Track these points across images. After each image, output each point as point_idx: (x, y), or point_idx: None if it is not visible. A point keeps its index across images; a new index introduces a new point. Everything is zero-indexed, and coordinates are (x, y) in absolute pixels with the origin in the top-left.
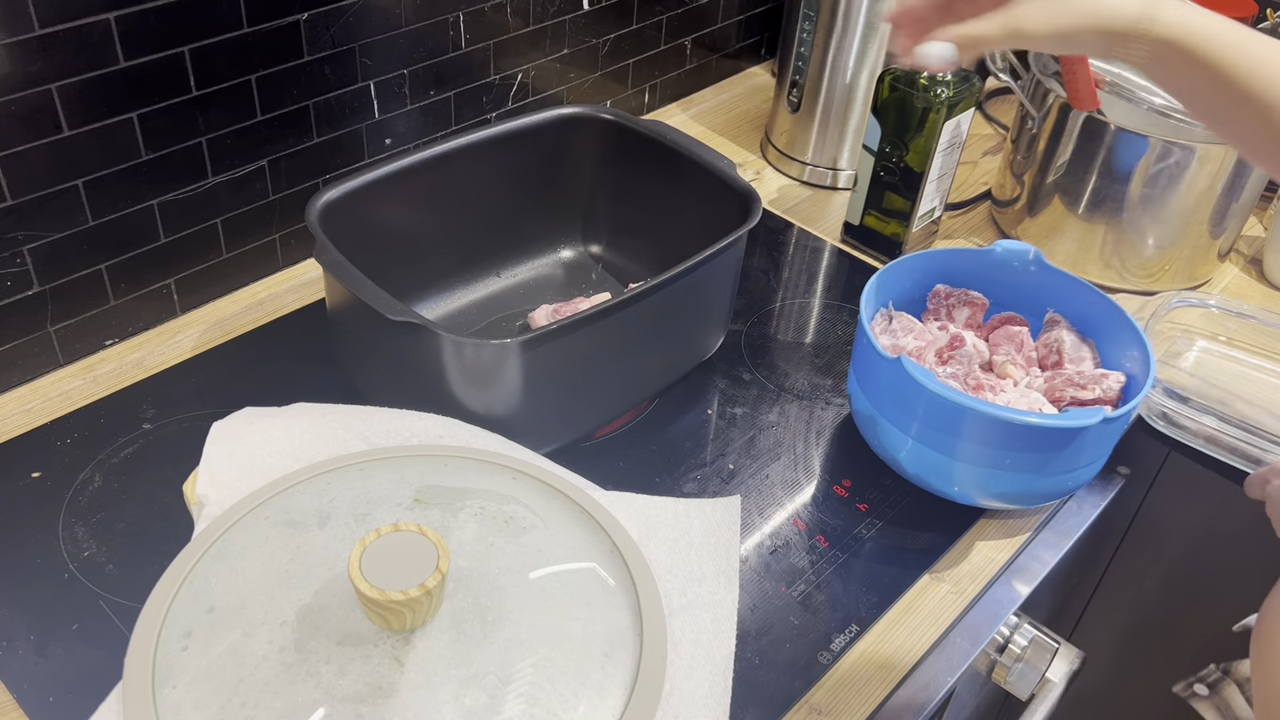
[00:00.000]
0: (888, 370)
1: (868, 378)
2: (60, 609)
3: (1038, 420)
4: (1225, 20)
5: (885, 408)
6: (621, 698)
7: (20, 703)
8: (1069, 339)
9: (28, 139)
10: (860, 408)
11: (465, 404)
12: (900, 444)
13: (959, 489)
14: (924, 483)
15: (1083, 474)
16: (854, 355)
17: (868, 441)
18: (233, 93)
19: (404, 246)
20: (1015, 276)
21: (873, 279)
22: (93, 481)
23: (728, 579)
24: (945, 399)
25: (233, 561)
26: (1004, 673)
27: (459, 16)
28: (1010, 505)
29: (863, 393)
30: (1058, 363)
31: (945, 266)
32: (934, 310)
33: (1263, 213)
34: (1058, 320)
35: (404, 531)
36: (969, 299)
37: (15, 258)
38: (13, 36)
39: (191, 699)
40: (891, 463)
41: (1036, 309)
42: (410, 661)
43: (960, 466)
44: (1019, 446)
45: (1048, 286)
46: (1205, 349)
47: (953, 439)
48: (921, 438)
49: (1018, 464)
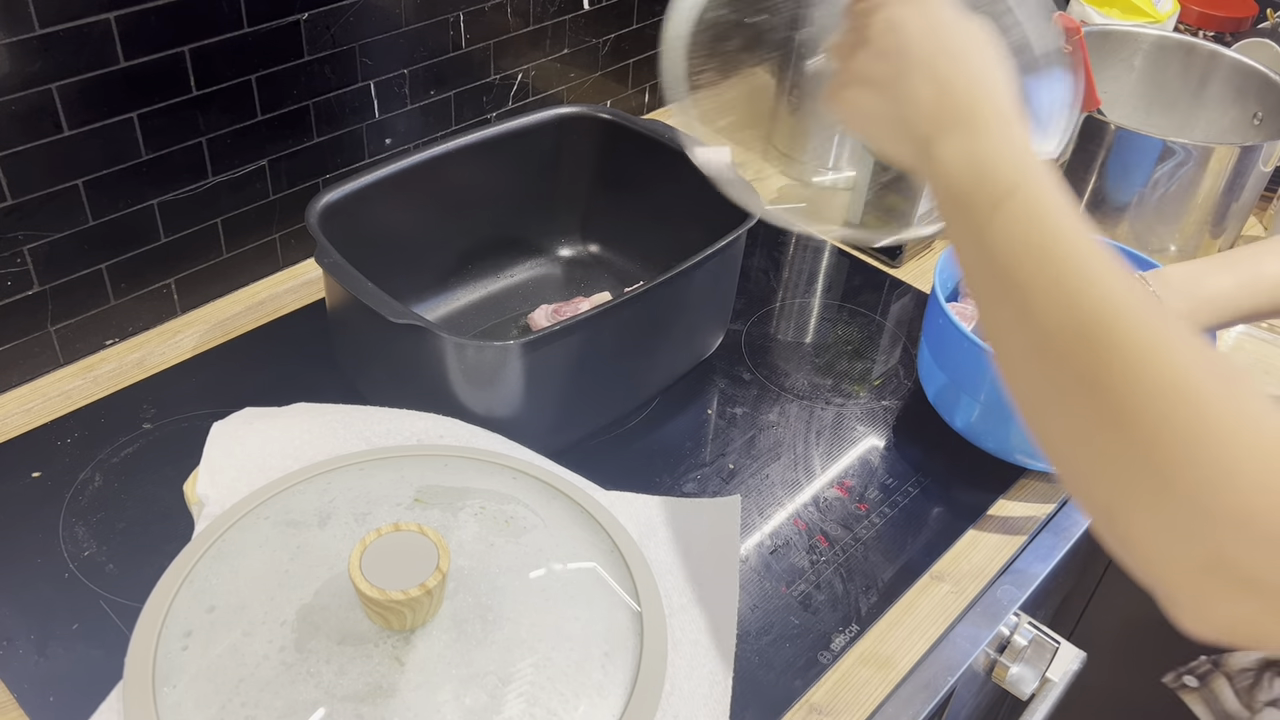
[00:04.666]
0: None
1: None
2: (60, 609)
3: None
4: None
5: (1004, 403)
6: (621, 698)
7: (20, 702)
8: None
9: (28, 139)
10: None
11: (466, 405)
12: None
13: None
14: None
15: None
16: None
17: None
18: (233, 92)
19: (404, 247)
20: None
21: (940, 273)
22: (93, 481)
23: (728, 579)
24: None
25: (233, 561)
26: (1004, 672)
27: (459, 16)
28: None
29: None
30: None
31: None
32: None
33: (1263, 213)
34: None
35: (404, 531)
36: None
37: (15, 257)
38: (13, 36)
39: (191, 698)
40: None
41: None
42: (410, 661)
43: None
44: None
45: None
46: (1243, 332)
47: None
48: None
49: None
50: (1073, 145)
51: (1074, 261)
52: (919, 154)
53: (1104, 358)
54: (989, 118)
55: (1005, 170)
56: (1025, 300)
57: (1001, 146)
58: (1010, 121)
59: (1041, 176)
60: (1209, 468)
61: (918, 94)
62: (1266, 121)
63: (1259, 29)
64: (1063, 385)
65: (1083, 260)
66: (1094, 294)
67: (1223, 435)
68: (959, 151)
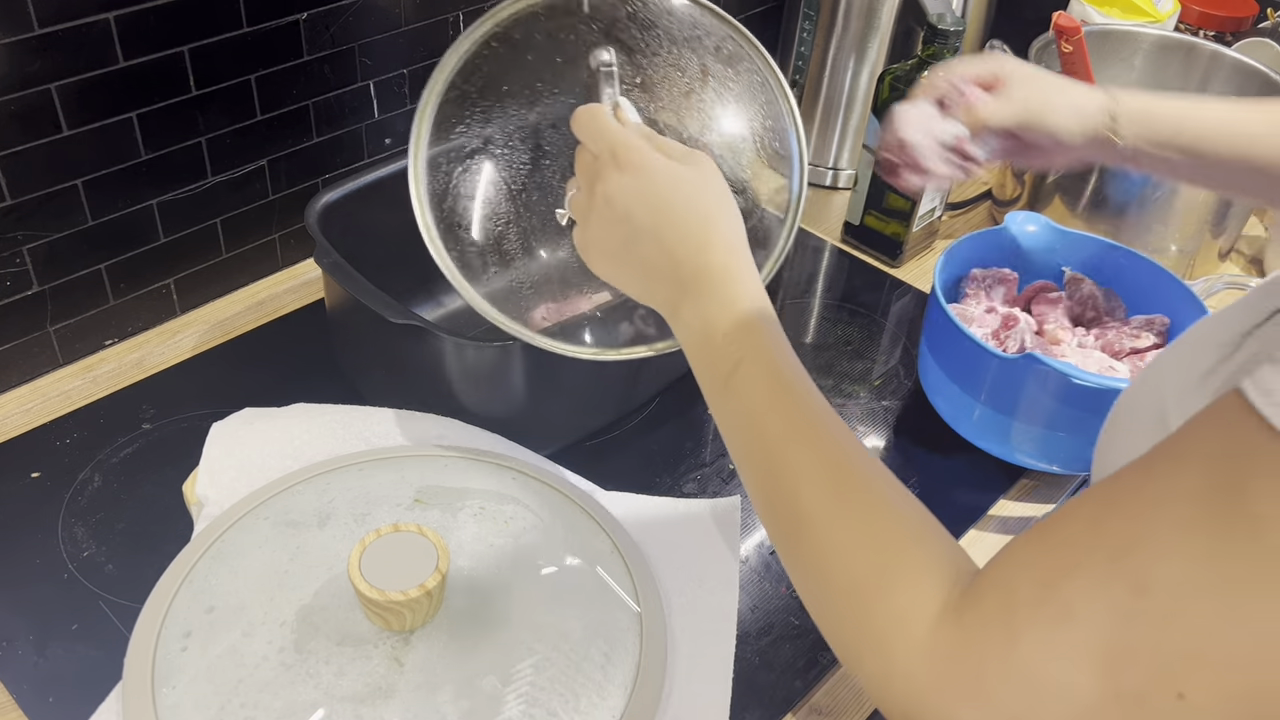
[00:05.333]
0: (1007, 369)
1: (982, 378)
2: (60, 609)
3: None
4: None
5: (1005, 404)
6: (621, 698)
7: (20, 703)
8: (1098, 293)
9: (27, 139)
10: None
11: (467, 405)
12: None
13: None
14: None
15: None
16: (955, 364)
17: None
18: (232, 92)
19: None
20: (1029, 245)
21: (940, 273)
22: (92, 481)
23: (728, 579)
24: (1079, 383)
25: (233, 561)
26: None
27: (459, 16)
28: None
29: (985, 402)
30: (1095, 318)
31: (978, 250)
32: (974, 295)
33: (1263, 213)
34: (1080, 278)
35: (404, 531)
36: (1002, 277)
37: (15, 257)
38: (12, 36)
39: (191, 699)
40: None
41: (1054, 273)
42: (410, 662)
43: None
44: None
45: (1056, 249)
46: None
47: (1081, 414)
48: (1045, 421)
49: None
50: None
51: (778, 449)
52: (667, 311)
53: (796, 550)
54: (718, 284)
55: (732, 346)
56: (746, 472)
57: (730, 315)
58: (734, 280)
59: (764, 349)
60: (874, 670)
61: (651, 261)
62: None
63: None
64: (783, 542)
65: (785, 448)
66: (788, 489)
67: (884, 649)
68: (695, 316)
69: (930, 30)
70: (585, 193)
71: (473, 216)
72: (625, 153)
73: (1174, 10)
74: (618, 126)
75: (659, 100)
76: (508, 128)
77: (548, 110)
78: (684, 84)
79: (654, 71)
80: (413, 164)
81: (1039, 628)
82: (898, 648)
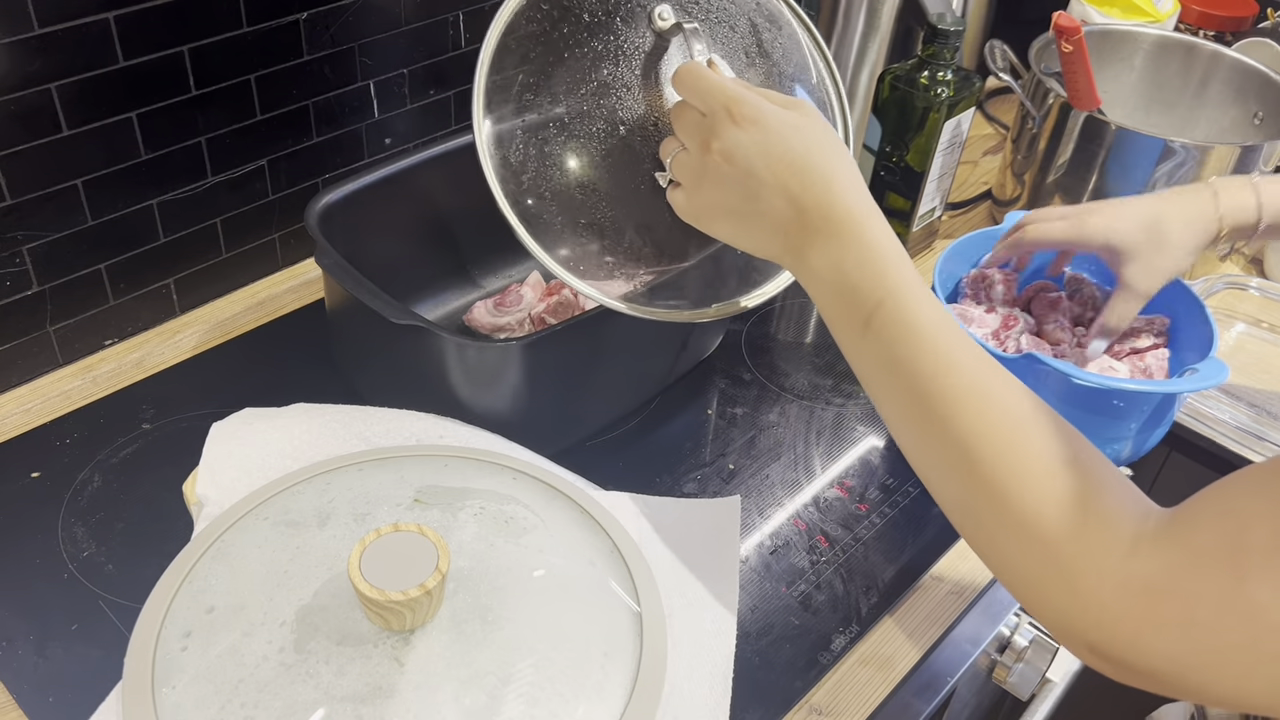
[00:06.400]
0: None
1: None
2: (60, 609)
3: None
4: None
5: None
6: (621, 698)
7: (20, 703)
8: (1099, 293)
9: (27, 138)
10: None
11: (467, 405)
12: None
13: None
14: None
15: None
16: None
17: None
18: (232, 92)
19: (404, 247)
20: None
21: (939, 273)
22: (92, 481)
23: (728, 579)
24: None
25: (233, 561)
26: (1004, 673)
27: (459, 16)
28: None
29: None
30: (1095, 318)
31: (978, 250)
32: (974, 295)
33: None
34: (1080, 278)
35: (404, 531)
36: (1002, 277)
37: (14, 257)
38: (12, 36)
39: (191, 699)
40: None
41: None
42: (410, 662)
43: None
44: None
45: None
46: (1243, 331)
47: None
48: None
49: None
50: (1073, 145)
51: (936, 384)
52: (791, 261)
53: (972, 487)
54: (847, 226)
55: (869, 287)
56: (893, 409)
57: (863, 257)
58: (861, 221)
59: (903, 288)
60: (1060, 602)
61: (776, 212)
62: (1267, 121)
63: (1259, 29)
64: (945, 481)
65: (944, 383)
66: (953, 422)
67: (1072, 581)
68: (826, 262)
69: (930, 30)
70: (697, 152)
71: (542, 182)
72: (739, 107)
73: (1174, 10)
74: (728, 81)
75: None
76: (565, 89)
77: (612, 75)
78: (738, 41)
79: (709, 28)
80: (477, 120)
81: (1272, 571)
82: (1089, 578)
